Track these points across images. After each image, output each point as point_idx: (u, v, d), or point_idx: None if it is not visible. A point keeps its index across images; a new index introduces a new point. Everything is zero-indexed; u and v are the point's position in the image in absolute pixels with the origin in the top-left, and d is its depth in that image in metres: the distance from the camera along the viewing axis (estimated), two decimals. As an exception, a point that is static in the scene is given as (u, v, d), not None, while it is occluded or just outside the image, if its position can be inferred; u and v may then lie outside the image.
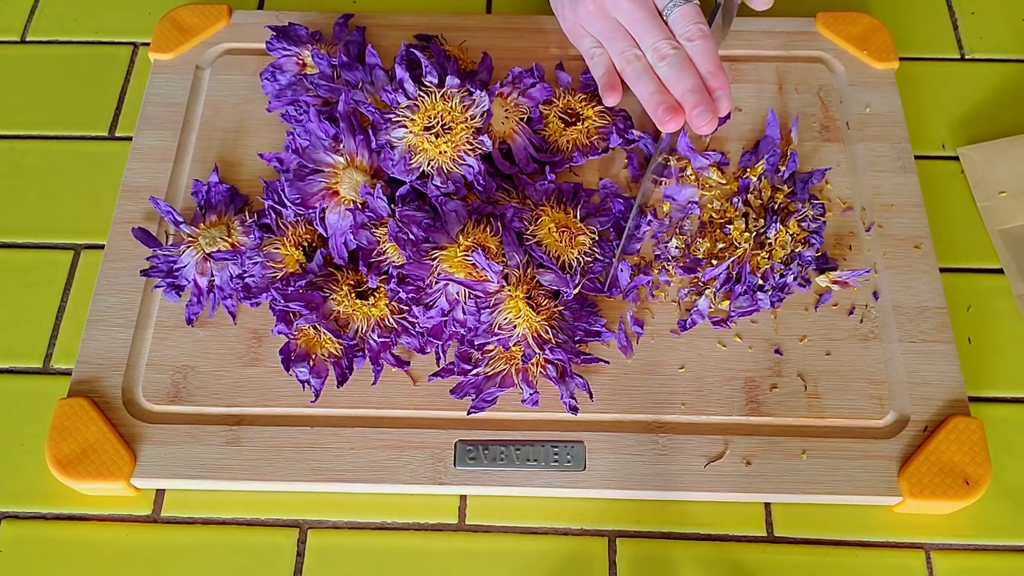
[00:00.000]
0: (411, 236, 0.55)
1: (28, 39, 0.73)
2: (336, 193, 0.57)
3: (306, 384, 0.55)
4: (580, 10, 0.61)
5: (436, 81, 0.59)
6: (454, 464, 0.53)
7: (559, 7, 0.64)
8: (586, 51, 0.63)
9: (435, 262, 0.54)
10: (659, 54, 0.58)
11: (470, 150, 0.57)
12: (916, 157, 0.65)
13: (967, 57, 0.71)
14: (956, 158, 0.66)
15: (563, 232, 0.57)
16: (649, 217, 0.61)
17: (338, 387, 0.55)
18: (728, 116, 0.65)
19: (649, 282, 0.58)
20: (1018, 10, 0.73)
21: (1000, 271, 0.62)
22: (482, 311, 0.54)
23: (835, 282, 0.58)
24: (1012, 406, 0.57)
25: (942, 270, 0.60)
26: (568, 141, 0.62)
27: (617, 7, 0.59)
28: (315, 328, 0.55)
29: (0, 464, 0.56)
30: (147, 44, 0.71)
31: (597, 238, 0.58)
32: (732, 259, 0.57)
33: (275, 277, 0.57)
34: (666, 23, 0.58)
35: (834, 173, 0.63)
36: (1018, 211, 0.63)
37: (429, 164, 0.57)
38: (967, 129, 0.67)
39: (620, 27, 0.60)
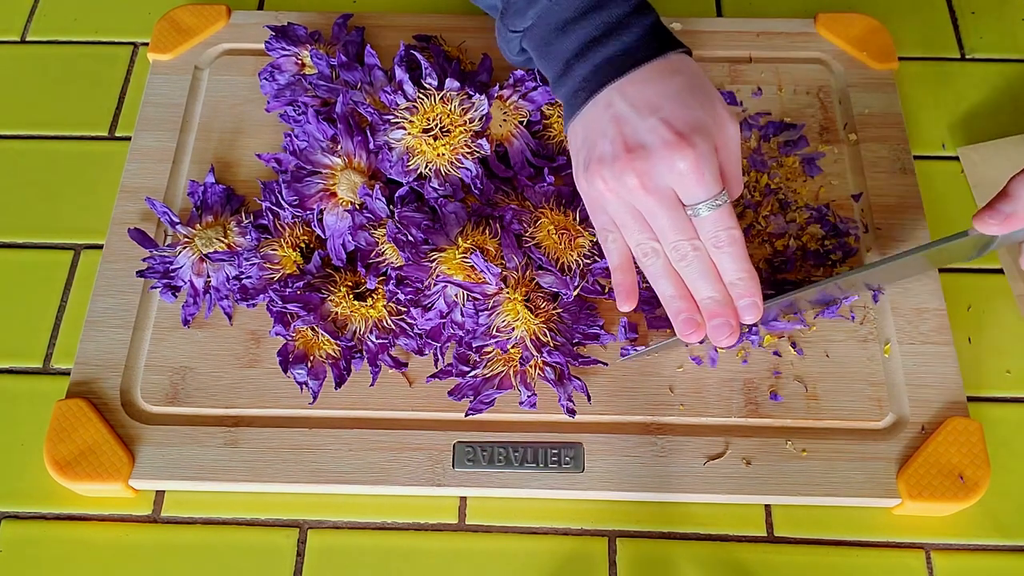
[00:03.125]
0: (410, 238, 0.55)
1: (28, 39, 0.73)
2: (334, 195, 0.57)
3: (304, 386, 0.55)
4: (593, 186, 0.51)
5: (436, 83, 0.59)
6: (452, 466, 0.53)
7: (574, 166, 0.53)
8: (599, 230, 0.53)
9: (434, 264, 0.54)
10: (679, 254, 0.50)
11: (468, 153, 0.57)
12: (916, 157, 0.65)
13: (967, 57, 0.71)
14: (956, 158, 0.66)
15: (562, 234, 0.57)
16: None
17: (336, 388, 0.55)
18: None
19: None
20: (1018, 10, 0.73)
21: (1000, 271, 0.62)
22: (480, 313, 0.54)
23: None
24: (1012, 406, 0.57)
25: (942, 270, 0.60)
26: (570, 145, 0.62)
27: (634, 198, 0.49)
28: (313, 329, 0.55)
29: (0, 464, 0.56)
30: (147, 44, 0.71)
31: (596, 240, 0.58)
32: None
33: (272, 279, 0.57)
34: (691, 219, 0.49)
35: (834, 174, 0.63)
36: (1018, 211, 0.63)
37: (427, 166, 0.57)
38: (967, 129, 0.67)
39: (637, 214, 0.50)
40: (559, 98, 0.54)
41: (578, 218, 0.58)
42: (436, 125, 0.57)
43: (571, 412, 0.53)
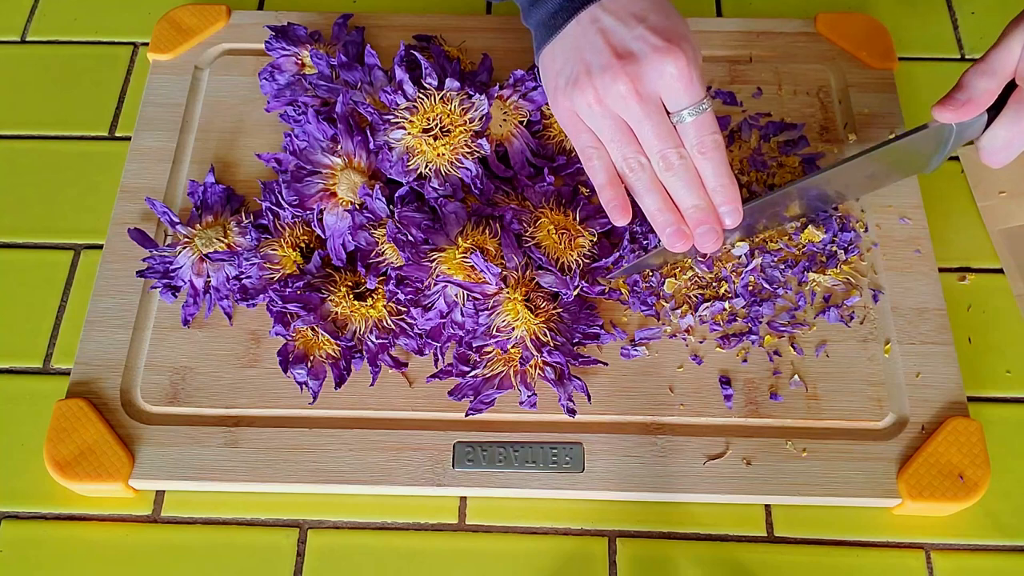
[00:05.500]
0: (410, 238, 0.55)
1: (28, 39, 0.73)
2: (334, 195, 0.57)
3: (304, 385, 0.55)
4: (579, 101, 0.52)
5: (436, 83, 0.59)
6: (452, 466, 0.53)
7: (552, 90, 0.55)
8: (582, 149, 0.55)
9: (434, 264, 0.54)
10: (666, 163, 0.52)
11: (468, 153, 0.57)
12: (916, 157, 0.65)
13: (967, 57, 0.71)
14: (956, 158, 0.66)
15: (562, 234, 0.57)
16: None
17: (336, 388, 0.55)
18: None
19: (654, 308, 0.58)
20: (1018, 10, 0.73)
21: (1000, 271, 0.62)
22: (480, 313, 0.54)
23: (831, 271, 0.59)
24: (1012, 406, 0.57)
25: (942, 270, 0.60)
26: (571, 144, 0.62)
27: (624, 106, 0.51)
28: (313, 329, 0.55)
29: (0, 464, 0.56)
30: (147, 44, 0.71)
31: (596, 240, 0.58)
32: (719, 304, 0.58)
33: (272, 279, 0.57)
34: (675, 127, 0.52)
35: (834, 174, 0.63)
36: (1018, 211, 0.63)
37: (427, 166, 0.57)
38: (967, 129, 0.67)
39: (624, 127, 0.52)
40: (531, 25, 0.56)
41: (578, 218, 0.58)
42: (436, 125, 0.57)
43: (571, 412, 0.53)
